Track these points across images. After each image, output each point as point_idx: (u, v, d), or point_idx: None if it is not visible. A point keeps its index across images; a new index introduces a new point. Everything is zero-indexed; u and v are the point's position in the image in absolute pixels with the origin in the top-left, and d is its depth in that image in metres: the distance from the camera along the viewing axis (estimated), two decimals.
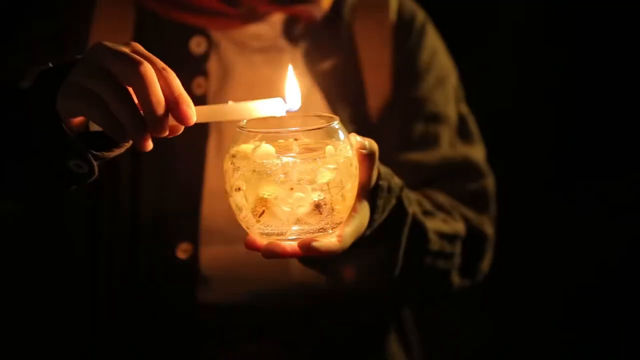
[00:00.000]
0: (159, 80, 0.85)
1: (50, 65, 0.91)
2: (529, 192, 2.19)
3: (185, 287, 1.31)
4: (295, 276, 1.32)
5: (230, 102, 0.91)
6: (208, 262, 1.31)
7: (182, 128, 0.89)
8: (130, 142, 0.90)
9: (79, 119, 0.89)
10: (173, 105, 0.86)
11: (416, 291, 1.35)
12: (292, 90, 0.94)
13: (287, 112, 0.93)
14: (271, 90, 1.34)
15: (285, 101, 0.94)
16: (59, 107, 0.87)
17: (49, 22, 1.30)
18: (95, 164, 0.90)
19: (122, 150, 0.93)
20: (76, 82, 0.86)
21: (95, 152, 0.90)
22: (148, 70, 0.84)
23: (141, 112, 0.85)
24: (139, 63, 0.84)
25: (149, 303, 1.32)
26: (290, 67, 0.96)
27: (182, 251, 1.31)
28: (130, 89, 0.85)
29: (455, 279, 1.31)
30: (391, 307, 1.44)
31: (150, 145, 0.86)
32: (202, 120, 0.90)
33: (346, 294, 1.33)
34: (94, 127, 0.91)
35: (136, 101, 0.85)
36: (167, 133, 0.87)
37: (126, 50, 0.86)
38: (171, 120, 0.87)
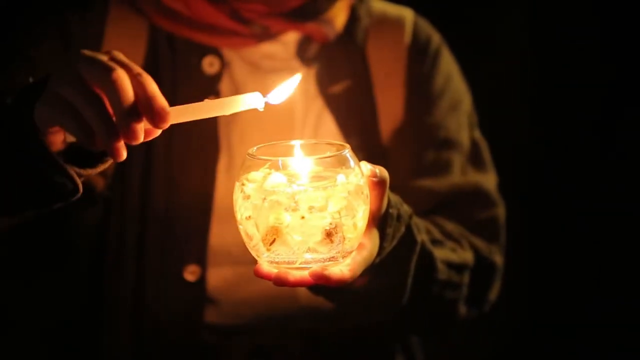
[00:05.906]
0: (133, 85, 0.84)
1: (31, 80, 0.91)
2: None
3: (192, 308, 1.31)
4: (301, 298, 1.31)
5: (206, 100, 0.89)
6: (215, 284, 1.31)
7: (158, 132, 0.87)
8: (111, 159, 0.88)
9: (59, 136, 0.88)
10: (147, 106, 0.83)
11: (423, 321, 1.33)
12: (282, 86, 0.93)
13: (266, 104, 0.91)
14: (282, 112, 1.34)
15: (264, 95, 0.91)
16: (37, 118, 0.86)
17: (59, 41, 1.29)
18: (78, 180, 0.89)
19: (106, 165, 0.91)
20: (53, 91, 0.85)
21: (77, 169, 0.89)
22: (120, 75, 0.83)
23: (113, 118, 0.83)
24: (111, 69, 0.83)
25: (155, 323, 1.31)
26: (299, 75, 0.95)
27: (190, 273, 1.30)
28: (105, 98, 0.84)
29: (462, 309, 1.30)
30: (397, 332, 1.42)
31: (123, 153, 0.84)
32: (179, 120, 0.88)
33: (352, 318, 1.32)
34: (70, 139, 0.89)
35: (110, 109, 0.83)
36: (140, 140, 0.84)
37: (102, 57, 0.85)
38: (146, 124, 0.85)
